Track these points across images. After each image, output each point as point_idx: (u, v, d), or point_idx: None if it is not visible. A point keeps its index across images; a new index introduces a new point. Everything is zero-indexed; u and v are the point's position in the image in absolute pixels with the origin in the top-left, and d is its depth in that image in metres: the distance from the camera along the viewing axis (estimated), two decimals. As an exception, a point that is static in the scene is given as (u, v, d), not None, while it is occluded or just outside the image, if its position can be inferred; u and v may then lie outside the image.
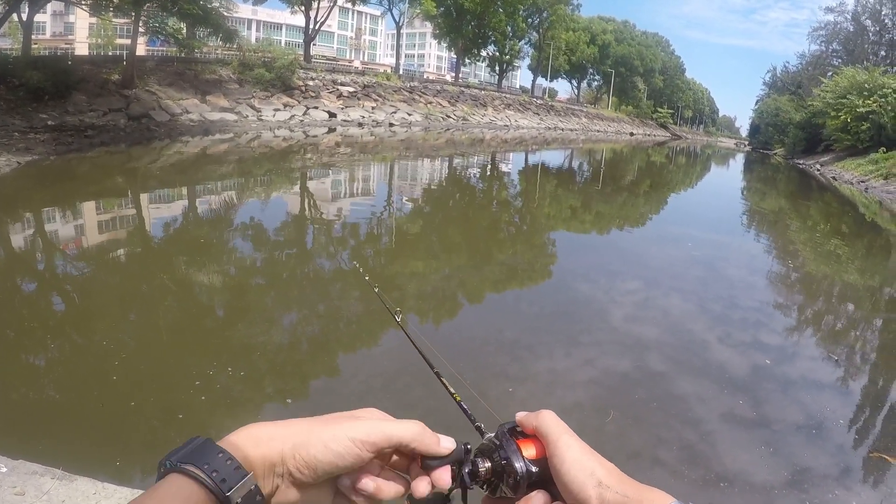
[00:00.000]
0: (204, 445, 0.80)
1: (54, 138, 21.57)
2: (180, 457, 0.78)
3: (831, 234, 19.28)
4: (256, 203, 15.92)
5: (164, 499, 0.72)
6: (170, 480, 0.75)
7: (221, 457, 0.78)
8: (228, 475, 0.77)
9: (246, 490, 0.78)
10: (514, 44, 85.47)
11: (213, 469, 0.76)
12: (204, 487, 0.75)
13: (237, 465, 0.78)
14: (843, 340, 9.21)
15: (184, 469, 0.76)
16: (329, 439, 0.84)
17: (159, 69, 34.79)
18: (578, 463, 0.87)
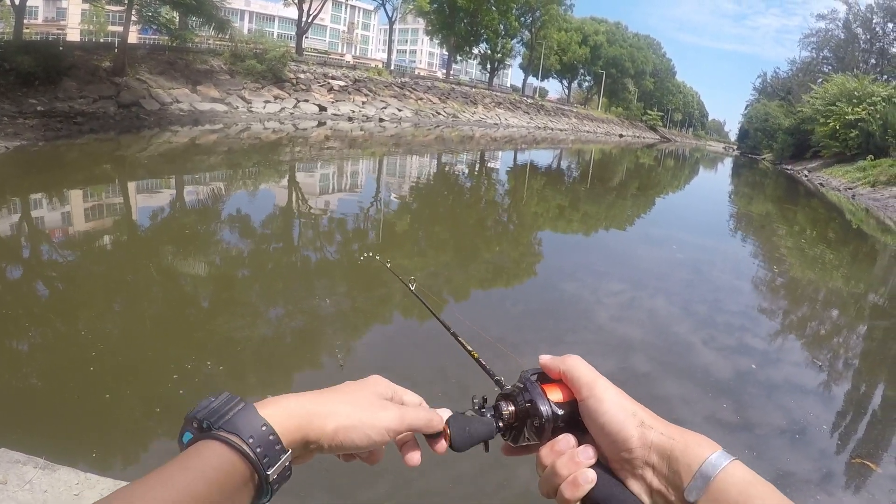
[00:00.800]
0: (247, 413, 0.77)
1: (43, 124, 21.43)
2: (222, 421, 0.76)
3: (818, 240, 19.39)
4: (244, 195, 15.87)
5: (205, 469, 0.70)
6: (210, 448, 0.72)
7: (265, 430, 0.76)
8: (270, 452, 0.75)
9: (283, 467, 0.77)
10: (506, 42, 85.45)
11: (258, 444, 0.75)
12: (246, 462, 0.73)
13: (279, 442, 0.77)
14: (827, 346, 9.24)
15: (227, 439, 0.73)
16: (369, 428, 0.86)
17: (151, 58, 34.55)
18: (618, 404, 0.88)
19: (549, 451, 0.91)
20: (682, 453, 0.79)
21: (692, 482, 0.77)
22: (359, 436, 0.85)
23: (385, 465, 4.53)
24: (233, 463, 0.72)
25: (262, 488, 0.76)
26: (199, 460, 0.70)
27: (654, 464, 0.82)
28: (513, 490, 4.43)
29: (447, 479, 4.45)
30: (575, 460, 0.87)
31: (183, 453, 0.71)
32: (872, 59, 77.77)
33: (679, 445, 0.80)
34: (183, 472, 0.68)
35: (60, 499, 3.40)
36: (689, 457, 0.78)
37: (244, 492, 0.73)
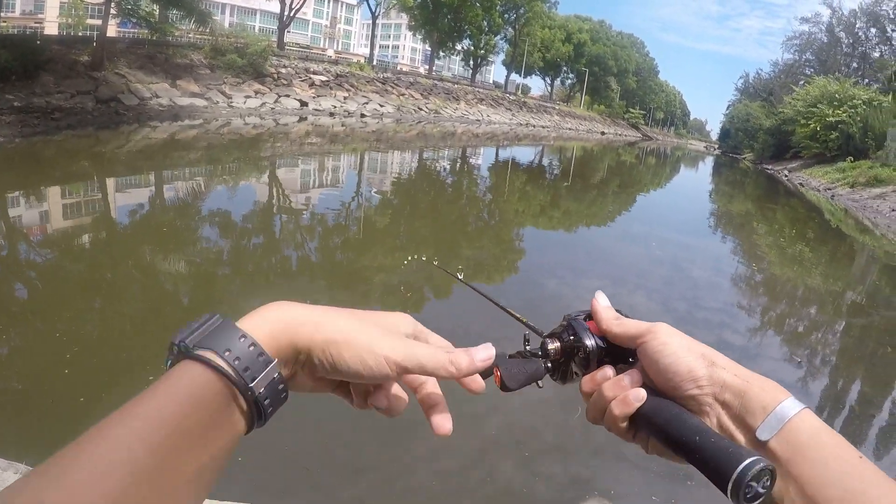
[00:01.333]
0: (223, 328, 0.70)
1: (20, 120, 21.17)
2: (196, 339, 0.69)
3: (797, 239, 19.50)
4: (224, 191, 15.77)
5: (176, 390, 0.64)
6: (183, 368, 0.66)
7: (243, 341, 0.69)
8: (252, 363, 0.68)
9: (269, 379, 0.69)
10: (489, 39, 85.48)
11: (236, 356, 0.68)
12: (223, 377, 0.66)
13: (261, 351, 0.70)
14: (806, 342, 9.36)
15: (200, 356, 0.67)
16: (365, 351, 0.75)
17: (130, 52, 34.26)
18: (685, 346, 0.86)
19: (590, 379, 0.94)
20: (756, 394, 0.79)
21: (765, 422, 0.76)
22: (351, 356, 0.75)
23: (367, 462, 4.51)
24: (208, 380, 0.66)
25: (253, 408, 0.70)
26: (171, 384, 0.65)
27: (727, 401, 0.81)
28: (495, 485, 4.42)
29: (430, 475, 4.44)
30: (620, 384, 0.89)
31: (157, 380, 0.66)
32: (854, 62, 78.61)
33: (754, 387, 0.79)
34: (154, 398, 0.63)
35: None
36: (765, 398, 0.78)
37: (229, 413, 0.68)
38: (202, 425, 0.64)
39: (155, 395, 0.63)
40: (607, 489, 4.44)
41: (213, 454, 0.65)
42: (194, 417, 0.63)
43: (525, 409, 5.56)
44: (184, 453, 0.61)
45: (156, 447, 0.59)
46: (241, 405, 0.68)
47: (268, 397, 0.70)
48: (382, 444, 4.79)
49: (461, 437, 4.96)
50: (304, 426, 4.85)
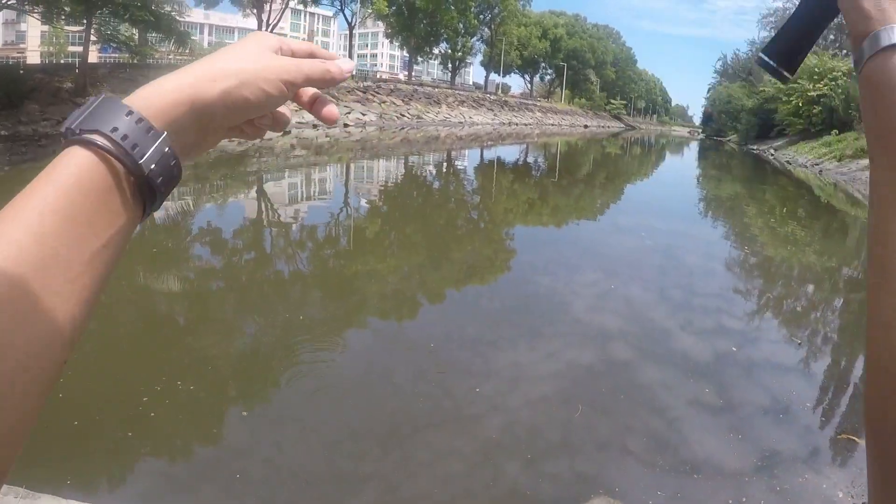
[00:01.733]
0: (107, 105, 0.63)
1: (8, 149, 21.29)
2: (81, 122, 0.61)
3: (788, 217, 19.51)
4: (213, 208, 15.77)
5: (60, 178, 0.58)
6: (69, 154, 0.60)
7: (130, 117, 0.62)
8: (140, 139, 0.61)
9: (160, 154, 0.63)
10: (466, 41, 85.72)
11: (123, 134, 0.61)
12: (111, 157, 0.60)
13: (149, 126, 0.63)
14: (805, 323, 9.30)
15: (85, 138, 0.60)
16: (263, 81, 0.71)
17: (112, 76, 34.38)
18: None
19: None
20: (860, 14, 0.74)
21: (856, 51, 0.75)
22: (252, 91, 0.71)
23: (370, 471, 4.57)
24: (93, 162, 0.59)
25: (145, 188, 0.64)
26: (56, 171, 0.58)
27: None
28: (501, 487, 4.40)
29: (434, 480, 4.42)
30: None
31: (43, 170, 0.59)
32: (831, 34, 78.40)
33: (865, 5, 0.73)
34: (40, 189, 0.57)
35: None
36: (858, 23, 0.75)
37: (120, 195, 0.61)
38: (90, 212, 0.58)
39: (40, 186, 0.57)
40: (612, 485, 4.39)
41: (104, 241, 0.59)
42: (81, 204, 0.58)
43: (526, 408, 5.54)
44: (73, 242, 0.57)
45: (44, 238, 0.54)
46: (132, 186, 0.63)
47: (160, 175, 0.64)
48: (384, 451, 4.76)
49: (464, 440, 4.96)
50: (304, 438, 4.86)
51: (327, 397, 5.57)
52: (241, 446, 4.84)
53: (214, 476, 4.41)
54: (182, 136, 0.67)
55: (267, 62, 0.73)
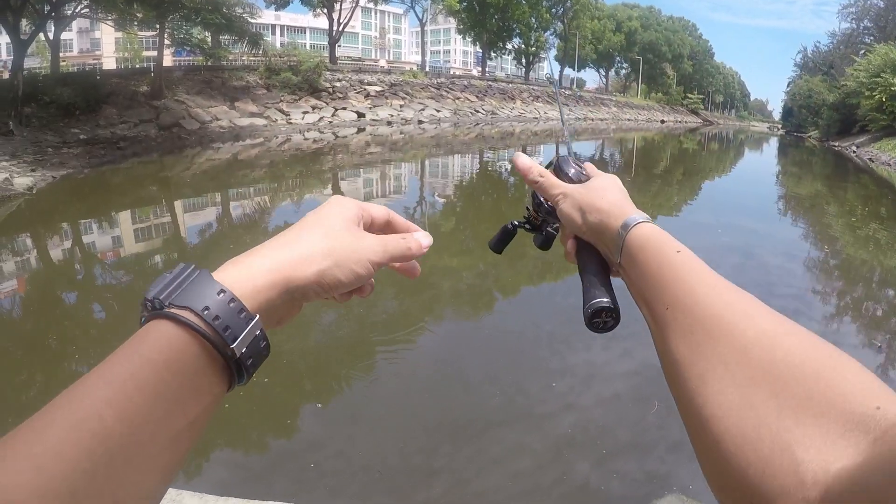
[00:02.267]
0: (200, 281, 0.64)
1: (87, 152, 21.78)
2: (170, 294, 0.62)
3: (869, 217, 18.97)
4: (290, 205, 15.90)
5: (151, 353, 0.57)
6: (157, 328, 0.60)
7: (223, 297, 0.63)
8: (233, 321, 0.62)
9: (251, 338, 0.64)
10: (539, 35, 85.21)
11: (215, 314, 0.61)
12: (200, 338, 0.60)
13: (241, 307, 0.63)
14: (885, 326, 9.04)
15: (175, 315, 0.60)
16: (354, 263, 0.75)
17: (187, 78, 35.10)
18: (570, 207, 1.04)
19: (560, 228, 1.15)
20: (607, 227, 0.95)
21: (614, 247, 0.93)
22: (344, 272, 0.74)
23: (441, 465, 4.47)
24: (185, 342, 0.59)
25: (233, 368, 0.63)
26: (144, 344, 0.58)
27: (599, 239, 1.00)
28: (571, 484, 4.38)
29: (505, 476, 4.40)
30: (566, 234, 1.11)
31: (128, 340, 0.59)
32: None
33: (605, 221, 0.96)
34: (126, 361, 0.57)
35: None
36: (611, 228, 0.94)
37: (209, 373, 0.61)
38: (178, 390, 0.58)
39: (127, 358, 0.57)
40: (685, 486, 4.37)
41: (190, 419, 0.59)
42: (173, 380, 0.57)
43: (599, 407, 5.52)
44: (159, 421, 0.56)
45: (129, 415, 0.53)
46: (221, 367, 0.63)
47: (250, 357, 0.64)
48: (456, 446, 4.78)
49: (535, 437, 4.95)
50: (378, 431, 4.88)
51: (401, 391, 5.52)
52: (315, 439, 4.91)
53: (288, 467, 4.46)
54: (272, 314, 0.70)
55: (356, 243, 0.78)
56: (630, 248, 0.89)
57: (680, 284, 0.77)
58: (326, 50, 55.08)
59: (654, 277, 0.82)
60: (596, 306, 0.93)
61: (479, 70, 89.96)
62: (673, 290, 0.77)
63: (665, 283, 0.79)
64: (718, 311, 0.70)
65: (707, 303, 0.72)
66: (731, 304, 0.71)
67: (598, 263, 1.01)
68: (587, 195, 1.03)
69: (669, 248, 0.84)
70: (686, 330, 0.71)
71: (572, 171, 1.16)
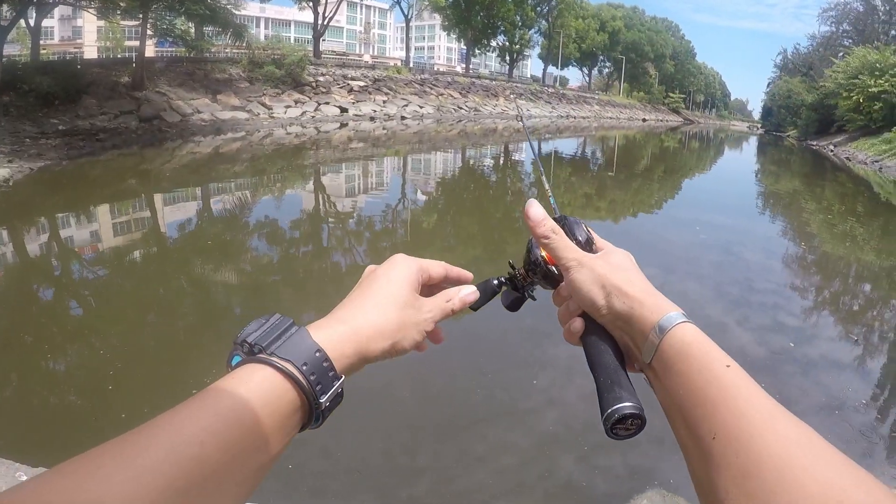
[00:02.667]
0: (300, 338, 0.74)
1: (66, 143, 21.55)
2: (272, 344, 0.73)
3: (846, 214, 19.16)
4: (271, 200, 15.88)
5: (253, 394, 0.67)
6: (259, 371, 0.69)
7: (319, 356, 0.74)
8: (324, 379, 0.73)
9: (336, 394, 0.75)
10: (523, 33, 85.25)
11: (312, 371, 0.72)
12: (298, 389, 0.70)
13: (332, 367, 0.75)
14: (862, 320, 9.16)
15: (278, 365, 0.70)
16: (416, 333, 0.88)
17: (169, 70, 34.83)
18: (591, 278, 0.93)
19: (555, 296, 1.07)
20: (638, 320, 0.86)
21: (645, 345, 0.84)
22: (409, 342, 0.87)
23: (425, 463, 4.48)
24: (285, 389, 0.69)
25: (312, 415, 0.74)
26: (247, 385, 0.67)
27: (621, 327, 0.90)
28: (555, 480, 4.40)
29: (489, 473, 4.41)
30: (569, 310, 0.99)
31: (230, 376, 0.69)
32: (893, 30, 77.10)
33: (637, 312, 0.87)
34: (230, 396, 0.66)
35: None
36: (643, 322, 0.85)
37: (294, 419, 0.72)
38: (270, 429, 0.67)
39: (230, 394, 0.66)
40: (667, 479, 4.39)
41: (273, 455, 0.68)
42: (267, 421, 0.66)
43: (582, 403, 5.52)
44: (250, 453, 0.64)
45: (227, 445, 0.62)
46: (306, 414, 0.72)
47: (330, 409, 0.75)
48: (440, 444, 4.79)
49: (519, 434, 4.96)
50: (362, 429, 4.85)
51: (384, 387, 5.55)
52: (296, 437, 4.87)
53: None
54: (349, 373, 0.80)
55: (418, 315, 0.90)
56: (668, 352, 0.81)
57: (732, 411, 0.69)
58: (311, 44, 54.88)
59: (697, 395, 0.74)
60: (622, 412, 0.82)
61: (462, 67, 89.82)
62: (723, 416, 0.69)
63: (713, 406, 0.71)
64: (778, 455, 0.62)
65: (765, 442, 0.64)
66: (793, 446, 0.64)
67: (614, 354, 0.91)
68: (611, 273, 0.93)
69: (718, 362, 0.76)
70: (740, 472, 0.63)
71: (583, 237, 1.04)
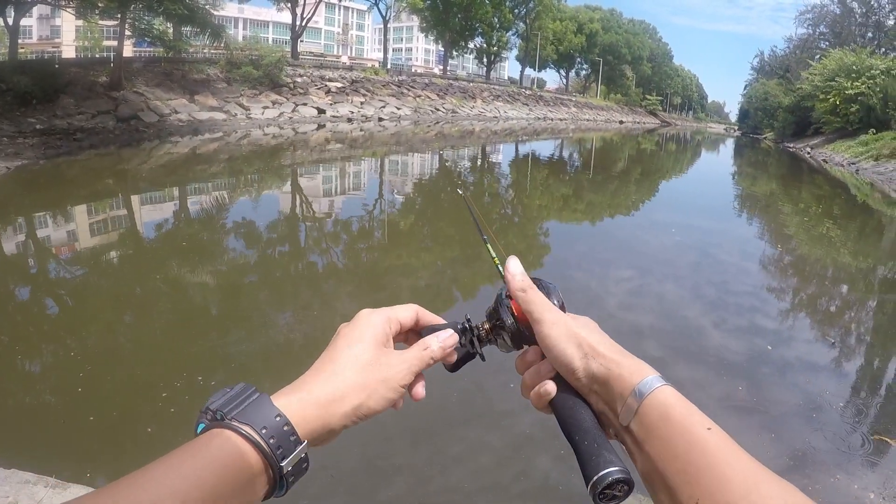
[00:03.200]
0: (261, 404, 0.76)
1: (43, 142, 21.45)
2: (234, 411, 0.75)
3: (823, 216, 19.31)
4: (248, 202, 15.85)
5: (214, 456, 0.68)
6: (221, 436, 0.71)
7: (279, 421, 0.75)
8: (285, 443, 0.74)
9: (298, 459, 0.75)
10: (501, 35, 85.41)
11: (272, 435, 0.73)
12: (259, 453, 0.72)
13: (293, 432, 0.76)
14: (839, 322, 9.20)
15: (240, 429, 0.72)
16: (385, 390, 0.87)
17: (147, 70, 34.64)
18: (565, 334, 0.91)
19: (520, 362, 1.01)
20: (616, 382, 0.84)
21: (623, 409, 0.82)
22: (377, 402, 0.86)
23: (402, 463, 4.55)
24: (245, 453, 0.70)
25: (277, 481, 0.74)
26: (209, 449, 0.69)
27: (597, 390, 0.87)
28: (531, 482, 4.41)
29: (466, 473, 4.43)
30: (539, 374, 0.95)
31: (193, 441, 0.71)
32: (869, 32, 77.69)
33: (614, 374, 0.84)
34: (192, 459, 0.67)
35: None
36: (622, 384, 0.83)
37: (256, 484, 0.72)
38: (232, 491, 0.68)
39: (193, 456, 0.68)
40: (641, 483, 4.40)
41: None
42: (228, 484, 0.68)
43: None
44: None
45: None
46: (269, 478, 0.73)
47: (293, 474, 0.76)
48: (416, 445, 4.81)
49: (496, 435, 4.98)
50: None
51: None
52: None
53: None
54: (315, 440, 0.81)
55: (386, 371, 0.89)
56: (648, 416, 0.79)
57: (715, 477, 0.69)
58: (289, 45, 54.79)
59: (679, 459, 0.73)
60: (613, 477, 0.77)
61: (440, 68, 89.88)
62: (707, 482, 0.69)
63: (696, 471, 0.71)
64: None
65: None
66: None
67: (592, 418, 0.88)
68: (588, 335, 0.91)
69: (699, 425, 0.76)
70: None
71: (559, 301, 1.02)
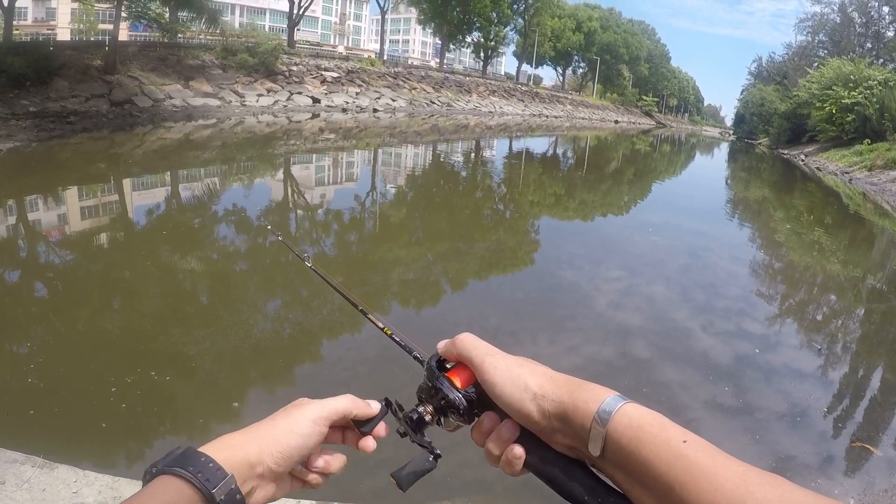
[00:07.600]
0: (187, 453, 0.86)
1: (36, 125, 21.38)
2: (167, 463, 0.85)
3: (815, 224, 19.36)
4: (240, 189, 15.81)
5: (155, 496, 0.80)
6: (160, 481, 0.82)
7: (204, 460, 0.85)
8: (211, 476, 0.84)
9: (228, 488, 0.84)
10: (499, 30, 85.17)
11: (198, 471, 0.83)
12: (191, 485, 0.81)
13: (218, 467, 0.85)
14: (826, 330, 9.24)
15: (172, 471, 0.82)
16: (293, 425, 0.95)
17: (142, 54, 34.48)
18: (510, 381, 0.91)
19: (477, 434, 0.97)
20: (574, 414, 0.82)
21: (590, 440, 0.79)
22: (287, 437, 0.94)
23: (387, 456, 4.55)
24: (182, 489, 0.81)
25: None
26: (150, 491, 0.81)
27: (558, 428, 0.85)
28: (513, 479, 4.35)
29: (450, 466, 4.43)
30: (502, 439, 0.91)
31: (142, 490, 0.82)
32: (868, 42, 77.77)
33: (570, 407, 0.83)
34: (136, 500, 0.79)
35: (59, 496, 3.40)
36: (581, 415, 0.81)
37: None
38: None
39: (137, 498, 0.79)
40: None
41: None
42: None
43: None
44: None
45: None
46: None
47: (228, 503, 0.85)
48: (400, 439, 4.77)
49: None
50: None
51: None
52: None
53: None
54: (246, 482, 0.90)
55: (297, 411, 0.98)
56: (619, 440, 0.77)
57: (705, 487, 0.69)
58: (285, 33, 54.57)
59: (665, 478, 0.72)
60: None
61: (436, 61, 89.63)
62: (697, 495, 0.69)
63: (682, 486, 0.70)
64: None
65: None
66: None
67: (577, 466, 0.85)
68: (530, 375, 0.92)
69: (675, 439, 0.74)
70: None
71: None
